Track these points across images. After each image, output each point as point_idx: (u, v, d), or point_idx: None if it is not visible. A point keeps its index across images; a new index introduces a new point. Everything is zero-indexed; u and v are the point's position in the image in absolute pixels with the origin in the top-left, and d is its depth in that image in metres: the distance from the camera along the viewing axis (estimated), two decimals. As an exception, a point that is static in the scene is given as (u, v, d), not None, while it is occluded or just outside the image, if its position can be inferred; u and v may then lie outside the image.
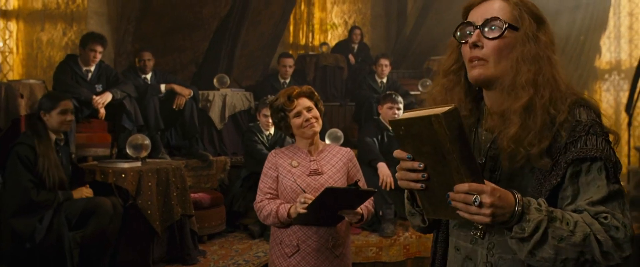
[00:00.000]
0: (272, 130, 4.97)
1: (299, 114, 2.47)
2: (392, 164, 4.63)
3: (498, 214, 1.18)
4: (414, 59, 9.08)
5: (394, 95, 4.96)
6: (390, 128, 4.95)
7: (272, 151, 2.58)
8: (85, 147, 4.74)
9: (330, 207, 2.30)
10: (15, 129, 4.20)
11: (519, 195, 1.21)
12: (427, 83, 7.08)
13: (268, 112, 4.99)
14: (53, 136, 3.60)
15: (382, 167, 4.54)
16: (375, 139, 4.87)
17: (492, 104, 1.38)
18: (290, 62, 6.41)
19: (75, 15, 5.73)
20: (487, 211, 1.17)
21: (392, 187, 4.47)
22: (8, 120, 4.24)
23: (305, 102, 2.49)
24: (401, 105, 4.95)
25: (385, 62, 6.78)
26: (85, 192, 3.69)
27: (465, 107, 1.42)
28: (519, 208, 1.19)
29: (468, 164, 1.17)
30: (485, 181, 1.19)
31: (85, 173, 3.95)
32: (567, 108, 1.28)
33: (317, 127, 2.51)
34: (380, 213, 4.49)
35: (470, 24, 1.36)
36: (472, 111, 1.43)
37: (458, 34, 1.39)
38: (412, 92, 6.80)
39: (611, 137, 1.30)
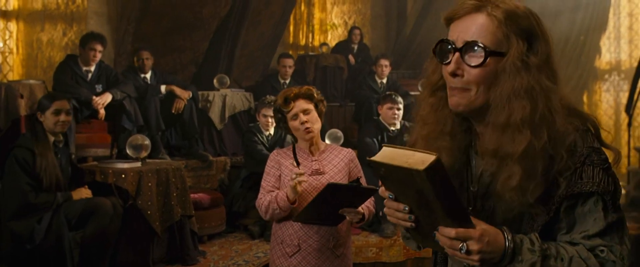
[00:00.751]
0: (272, 131, 4.97)
1: (295, 117, 2.45)
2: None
3: (487, 259, 1.14)
4: (413, 60, 9.08)
5: (393, 96, 4.96)
6: (390, 128, 4.95)
7: (275, 151, 2.59)
8: (85, 148, 4.73)
9: (331, 204, 2.29)
10: (15, 129, 4.20)
11: (510, 235, 1.16)
12: (427, 83, 7.07)
13: (267, 112, 5.02)
14: (51, 137, 3.59)
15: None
16: (375, 140, 4.87)
17: (482, 135, 1.25)
18: (290, 62, 6.41)
19: (75, 15, 5.73)
20: (475, 257, 1.13)
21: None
22: (8, 120, 4.24)
23: (302, 104, 2.45)
24: (401, 106, 4.95)
25: (385, 62, 6.78)
26: (85, 192, 3.69)
27: (459, 128, 1.29)
28: (510, 249, 1.14)
29: (454, 214, 1.12)
30: (476, 221, 1.14)
31: (85, 174, 3.94)
32: (566, 152, 1.17)
33: (314, 131, 2.48)
34: (380, 214, 4.48)
35: (449, 43, 1.20)
36: (465, 132, 1.30)
37: (438, 50, 1.23)
38: (412, 93, 6.80)
39: (611, 156, 1.22)
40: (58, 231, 3.43)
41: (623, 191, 5.92)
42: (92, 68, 4.89)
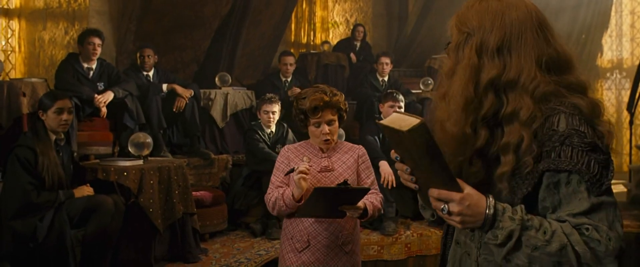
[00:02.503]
0: (273, 128, 4.97)
1: (318, 125, 2.47)
2: (394, 162, 4.62)
3: (468, 222, 1.22)
4: (415, 58, 9.08)
5: (395, 94, 4.96)
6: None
7: (285, 147, 2.62)
8: (87, 146, 4.74)
9: (328, 203, 2.31)
10: (18, 127, 4.22)
11: (492, 201, 1.22)
12: (429, 82, 7.09)
13: (268, 108, 5.01)
14: (53, 136, 3.60)
15: (384, 166, 4.54)
16: (376, 138, 4.88)
17: None
18: (291, 60, 6.41)
19: (77, 14, 5.74)
20: (456, 218, 1.22)
21: (394, 185, 4.47)
22: (10, 118, 4.25)
23: (329, 115, 2.46)
24: (402, 104, 4.95)
25: (386, 60, 6.78)
26: (87, 190, 3.70)
27: None
28: (490, 212, 1.21)
29: (439, 175, 1.21)
30: (463, 185, 1.22)
31: (87, 172, 3.95)
32: (529, 135, 1.24)
33: (332, 142, 2.53)
34: (382, 211, 4.49)
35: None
36: None
37: None
38: (414, 91, 6.81)
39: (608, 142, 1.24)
40: (60, 229, 3.44)
41: (624, 188, 5.91)
42: (94, 65, 4.89)
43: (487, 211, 1.21)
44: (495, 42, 1.29)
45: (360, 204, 2.36)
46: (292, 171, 2.42)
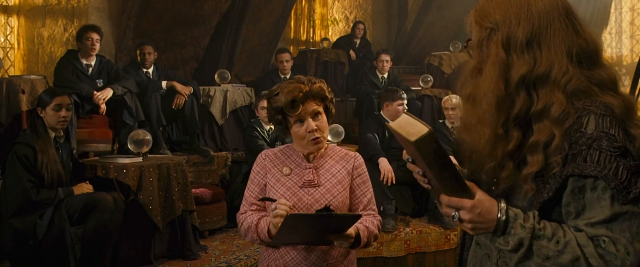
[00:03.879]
0: (272, 125, 4.97)
1: (301, 122, 1.97)
2: (393, 159, 4.63)
3: (480, 228, 1.20)
4: (414, 55, 9.08)
5: (400, 93, 4.95)
6: (391, 124, 4.96)
7: (263, 153, 2.10)
8: (87, 143, 4.74)
9: (309, 230, 1.85)
10: (17, 124, 4.21)
11: (504, 207, 1.19)
12: (428, 79, 7.09)
13: (265, 104, 4.98)
14: (52, 133, 3.60)
15: (383, 162, 4.54)
16: (376, 135, 4.87)
17: None
18: (286, 57, 6.40)
19: (76, 11, 5.73)
20: (467, 225, 1.20)
21: (394, 182, 4.47)
22: (9, 116, 4.25)
23: (312, 106, 1.96)
24: (405, 102, 4.97)
25: (386, 57, 6.78)
26: (86, 188, 3.70)
27: None
28: (503, 220, 1.18)
29: (448, 183, 1.19)
30: (475, 190, 1.19)
31: (86, 169, 3.95)
32: (561, 134, 1.17)
33: (323, 141, 2.01)
34: (381, 208, 4.50)
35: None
36: None
37: None
38: (413, 88, 6.81)
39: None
40: (60, 226, 3.44)
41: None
42: (93, 62, 4.89)
43: (498, 216, 1.18)
44: (524, 35, 1.21)
45: (351, 230, 1.88)
46: (269, 200, 1.94)
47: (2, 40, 5.70)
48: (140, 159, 4.10)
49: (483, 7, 1.29)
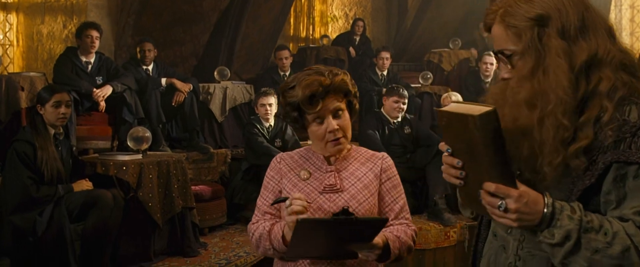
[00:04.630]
0: (272, 122, 4.97)
1: (320, 120, 1.71)
2: (394, 156, 4.63)
3: (524, 220, 1.15)
4: (414, 52, 9.08)
5: (401, 90, 4.95)
6: (391, 121, 4.95)
7: (278, 156, 1.87)
8: (86, 140, 4.74)
9: (327, 239, 1.58)
10: (16, 121, 4.21)
11: (550, 199, 1.16)
12: (428, 76, 7.09)
13: (265, 101, 5.00)
14: (51, 130, 3.59)
15: (384, 159, 4.55)
16: (376, 132, 4.88)
17: None
18: (285, 54, 6.39)
19: (75, 7, 5.72)
20: (512, 216, 1.15)
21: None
22: (9, 113, 4.24)
23: (334, 102, 1.70)
24: (406, 100, 4.96)
25: (386, 55, 6.78)
26: (86, 185, 3.69)
27: None
28: (548, 212, 1.15)
29: (499, 169, 1.15)
30: (519, 184, 1.16)
31: (86, 166, 3.95)
32: (613, 105, 1.17)
33: (346, 142, 1.76)
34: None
35: (494, 52, 1.33)
36: None
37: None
38: (413, 85, 6.81)
39: None
40: (59, 223, 3.44)
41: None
42: (92, 59, 4.88)
43: (545, 210, 1.15)
44: (577, 21, 1.22)
45: (378, 239, 1.61)
46: (283, 200, 1.67)
47: (1, 37, 5.69)
48: (139, 156, 4.10)
49: (514, 10, 1.25)
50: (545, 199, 1.16)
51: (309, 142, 1.90)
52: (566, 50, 1.21)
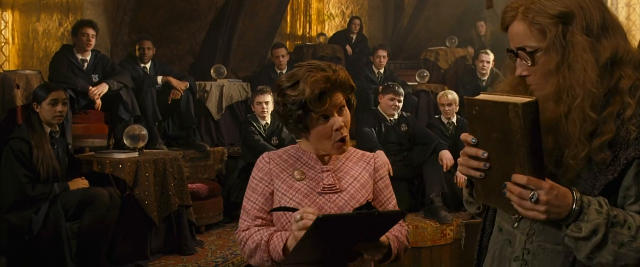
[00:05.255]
0: (268, 119, 4.97)
1: (326, 118, 1.64)
2: (390, 154, 4.64)
3: (553, 212, 1.16)
4: (411, 50, 9.08)
5: (396, 87, 4.96)
6: (388, 118, 4.95)
7: (265, 155, 1.76)
8: (82, 138, 4.73)
9: (336, 240, 1.51)
10: (12, 119, 4.19)
11: (578, 194, 1.17)
12: (425, 74, 7.09)
13: (261, 99, 4.99)
14: (47, 128, 3.59)
15: (380, 155, 4.55)
16: (372, 129, 4.88)
17: None
18: (282, 51, 6.39)
19: (71, 5, 5.70)
20: (542, 208, 1.15)
21: (391, 174, 4.47)
22: (4, 111, 4.23)
23: (339, 97, 1.64)
24: (402, 98, 4.96)
25: (382, 53, 6.78)
26: (82, 183, 3.69)
27: None
28: (577, 207, 1.16)
29: (534, 159, 1.15)
30: (546, 179, 1.17)
31: (82, 164, 3.94)
32: (635, 102, 1.20)
33: (349, 142, 1.70)
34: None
35: (510, 51, 1.33)
36: None
37: (511, 55, 1.36)
38: (410, 83, 6.81)
39: None
40: (55, 222, 3.43)
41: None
42: (88, 57, 4.87)
43: (573, 205, 1.16)
44: (600, 20, 1.25)
45: (384, 238, 1.59)
46: (287, 210, 1.63)
47: (-3, 35, 5.66)
48: (136, 154, 4.09)
49: (537, 7, 1.26)
50: (574, 193, 1.17)
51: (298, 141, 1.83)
52: (591, 46, 1.23)
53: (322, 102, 1.59)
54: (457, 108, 5.26)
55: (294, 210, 1.58)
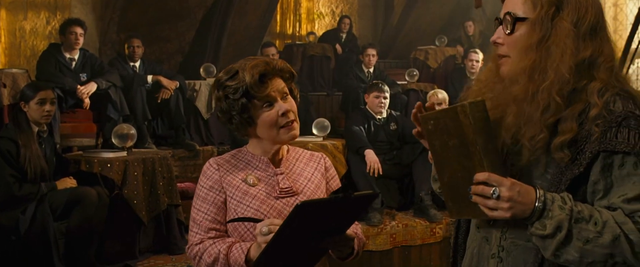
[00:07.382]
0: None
1: (270, 105, 1.58)
2: (379, 152, 4.65)
3: (517, 210, 1.16)
4: (401, 49, 9.10)
5: (380, 85, 4.98)
6: (376, 117, 4.97)
7: (212, 161, 1.66)
8: (70, 137, 4.70)
9: (308, 237, 1.42)
10: (-1, 118, 4.16)
11: (542, 190, 1.17)
12: (414, 73, 7.11)
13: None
14: (35, 128, 3.56)
15: (370, 154, 4.56)
16: (362, 128, 4.89)
17: None
18: (272, 51, 6.38)
19: (59, 3, 5.66)
20: (505, 205, 1.15)
21: (381, 172, 4.49)
22: (-9, 110, 4.19)
23: (281, 83, 1.61)
24: (387, 95, 4.97)
25: (372, 52, 6.80)
26: (70, 182, 3.67)
27: None
28: (540, 204, 1.16)
29: (490, 157, 1.17)
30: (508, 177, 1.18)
31: (70, 163, 3.92)
32: (602, 103, 1.20)
33: (298, 128, 1.63)
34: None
35: (497, 18, 1.33)
36: None
37: (497, 22, 1.36)
38: (399, 82, 6.83)
39: None
40: (43, 221, 3.41)
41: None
42: (76, 56, 4.84)
43: (536, 203, 1.16)
44: (592, 21, 1.26)
45: (349, 231, 1.51)
46: (248, 220, 1.54)
47: (-17, 33, 5.61)
48: (124, 154, 4.07)
49: None
50: (537, 190, 1.17)
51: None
52: (575, 38, 1.24)
53: (263, 85, 1.55)
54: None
55: (256, 220, 1.49)
